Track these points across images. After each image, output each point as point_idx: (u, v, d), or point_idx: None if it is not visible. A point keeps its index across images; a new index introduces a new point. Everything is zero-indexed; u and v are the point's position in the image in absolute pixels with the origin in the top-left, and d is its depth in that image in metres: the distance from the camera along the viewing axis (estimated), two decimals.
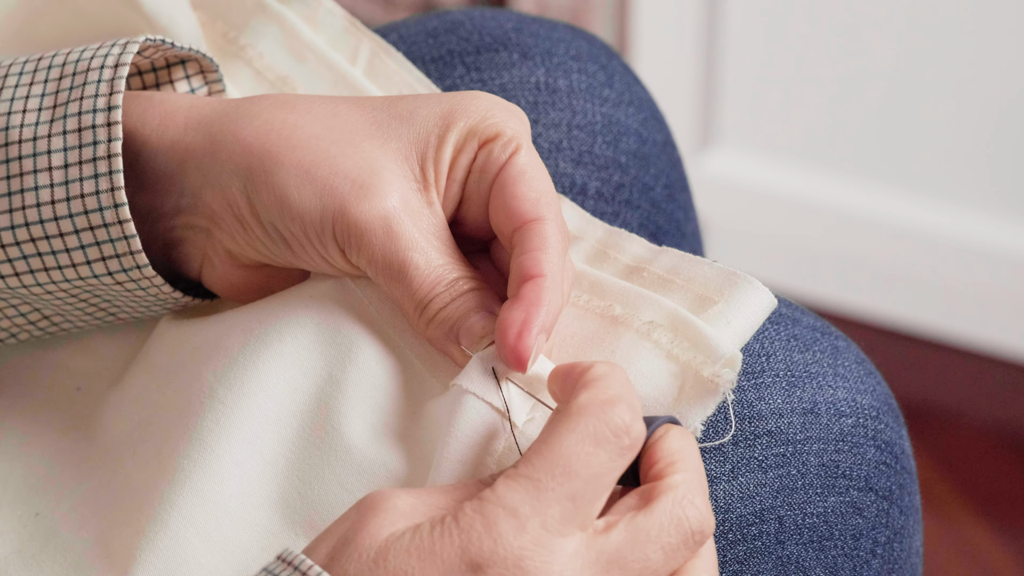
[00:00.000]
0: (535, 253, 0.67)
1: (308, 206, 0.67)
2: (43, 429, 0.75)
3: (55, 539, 0.71)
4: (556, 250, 0.67)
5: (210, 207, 0.70)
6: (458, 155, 0.69)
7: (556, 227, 0.68)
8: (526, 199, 0.68)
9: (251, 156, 0.69)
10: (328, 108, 0.70)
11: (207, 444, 0.69)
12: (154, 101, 0.71)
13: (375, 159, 0.68)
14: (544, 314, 0.66)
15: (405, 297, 0.68)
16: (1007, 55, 1.59)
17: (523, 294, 0.66)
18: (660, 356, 0.68)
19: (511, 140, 0.69)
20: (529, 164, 0.69)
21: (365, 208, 0.67)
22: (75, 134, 0.68)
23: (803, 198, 1.75)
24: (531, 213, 0.68)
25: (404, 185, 0.68)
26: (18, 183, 0.69)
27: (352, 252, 0.68)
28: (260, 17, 0.82)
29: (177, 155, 0.70)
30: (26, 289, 0.71)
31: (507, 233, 0.68)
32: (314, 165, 0.68)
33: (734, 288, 0.70)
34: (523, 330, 0.65)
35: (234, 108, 0.70)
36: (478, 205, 0.70)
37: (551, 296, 0.66)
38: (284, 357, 0.70)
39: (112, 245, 0.69)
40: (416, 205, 0.68)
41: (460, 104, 0.69)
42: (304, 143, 0.68)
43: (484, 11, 0.92)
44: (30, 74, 0.70)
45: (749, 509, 0.73)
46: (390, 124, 0.69)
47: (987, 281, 1.71)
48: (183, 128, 0.70)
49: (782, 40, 1.68)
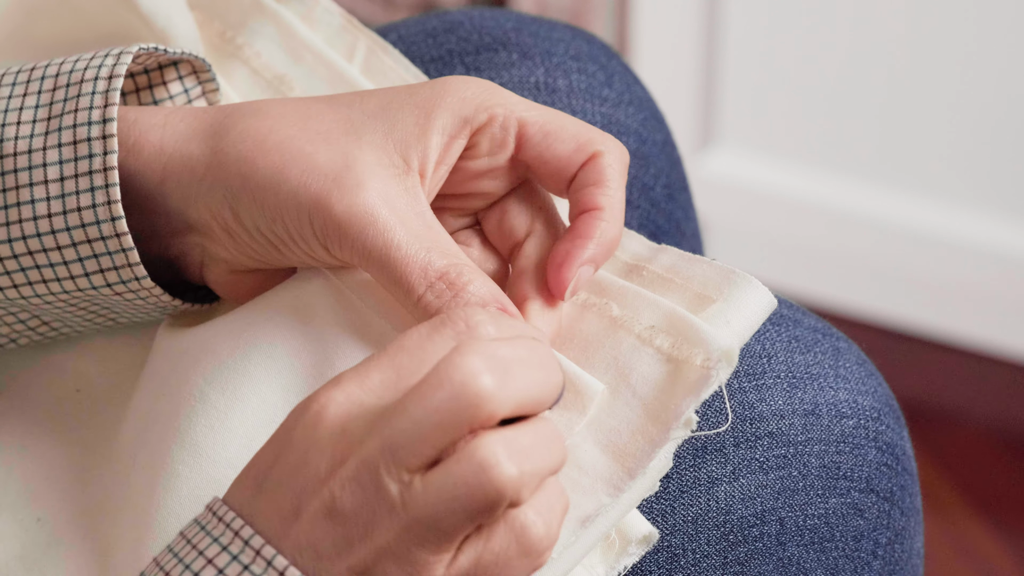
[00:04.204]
0: (589, 188, 0.69)
1: (286, 205, 0.67)
2: (44, 433, 0.75)
3: (57, 546, 0.71)
4: (609, 184, 0.69)
5: (199, 224, 0.70)
6: (452, 141, 0.69)
7: (607, 161, 0.69)
8: (562, 151, 0.69)
9: (228, 166, 0.68)
10: (301, 110, 0.70)
11: (201, 449, 0.69)
12: (127, 121, 0.70)
13: (349, 153, 0.68)
14: (593, 246, 0.68)
15: (395, 286, 0.67)
16: (1007, 55, 1.59)
17: (573, 227, 0.68)
18: (660, 360, 0.68)
19: (509, 114, 0.69)
20: (541, 116, 0.69)
21: (340, 200, 0.66)
22: (70, 147, 0.68)
23: (803, 198, 1.75)
24: (576, 158, 0.69)
25: (381, 174, 0.67)
26: (14, 196, 0.68)
27: (334, 247, 0.67)
28: (257, 16, 0.82)
29: (155, 176, 0.69)
30: (25, 300, 0.70)
31: (564, 186, 0.70)
32: (288, 165, 0.67)
33: (733, 287, 0.69)
34: (564, 261, 0.68)
35: (208, 123, 0.70)
36: (493, 179, 0.70)
37: (602, 228, 0.68)
38: (274, 359, 0.70)
39: (110, 258, 0.68)
40: (394, 193, 0.67)
41: (439, 92, 0.69)
42: (278, 145, 0.68)
43: (484, 11, 0.92)
44: (23, 84, 0.70)
45: (750, 510, 0.73)
46: (363, 121, 0.69)
47: (987, 281, 1.71)
48: (157, 148, 0.70)
49: (782, 40, 1.68)
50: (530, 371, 0.59)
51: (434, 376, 0.58)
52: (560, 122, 0.69)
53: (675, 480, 0.73)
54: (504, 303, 0.67)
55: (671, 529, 0.73)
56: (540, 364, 0.60)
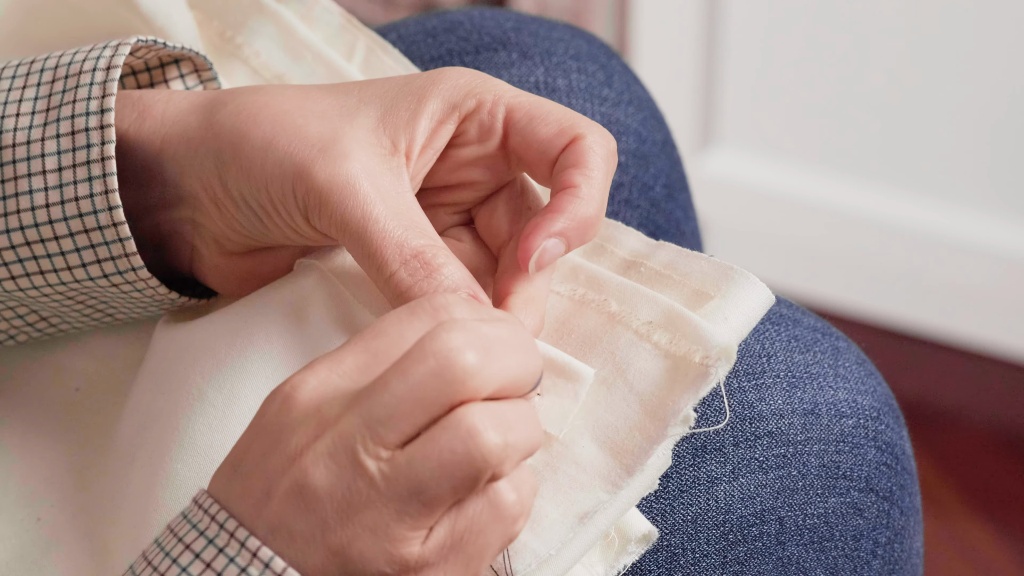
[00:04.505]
0: (568, 169, 0.68)
1: (272, 173, 0.67)
2: (43, 432, 0.75)
3: (57, 545, 0.71)
4: (588, 165, 0.68)
5: (190, 194, 0.70)
6: (440, 126, 0.69)
7: (588, 144, 0.68)
8: (545, 134, 0.69)
9: (221, 138, 0.69)
10: (301, 91, 0.70)
11: (200, 448, 0.69)
12: (132, 98, 0.71)
13: (339, 128, 0.68)
14: (563, 220, 0.67)
15: (368, 260, 0.67)
16: (1007, 55, 1.59)
17: (548, 204, 0.68)
18: (658, 356, 0.68)
19: (497, 100, 0.69)
20: (528, 102, 0.69)
21: (323, 168, 0.67)
22: (68, 137, 0.68)
23: (803, 198, 1.75)
24: (558, 141, 0.68)
25: (368, 151, 0.68)
26: (12, 187, 0.69)
27: (314, 215, 0.67)
28: (256, 15, 0.82)
29: (154, 146, 0.70)
30: (22, 292, 0.71)
31: (549, 171, 0.69)
32: (278, 135, 0.68)
33: (730, 283, 0.69)
34: (531, 232, 0.67)
35: (209, 98, 0.71)
36: (483, 168, 0.70)
37: (576, 204, 0.67)
38: (272, 358, 0.70)
39: (107, 247, 0.69)
40: (378, 169, 0.67)
41: (433, 80, 0.69)
42: (272, 118, 0.68)
43: (483, 11, 0.92)
44: (23, 77, 0.70)
45: (750, 510, 0.73)
46: (359, 106, 0.69)
47: (987, 281, 1.71)
48: (159, 120, 0.70)
49: (782, 40, 1.68)
50: (513, 352, 0.59)
51: (417, 351, 0.58)
52: (546, 107, 0.69)
53: (674, 479, 0.73)
54: (476, 291, 0.67)
55: (670, 528, 0.73)
56: (522, 346, 0.60)
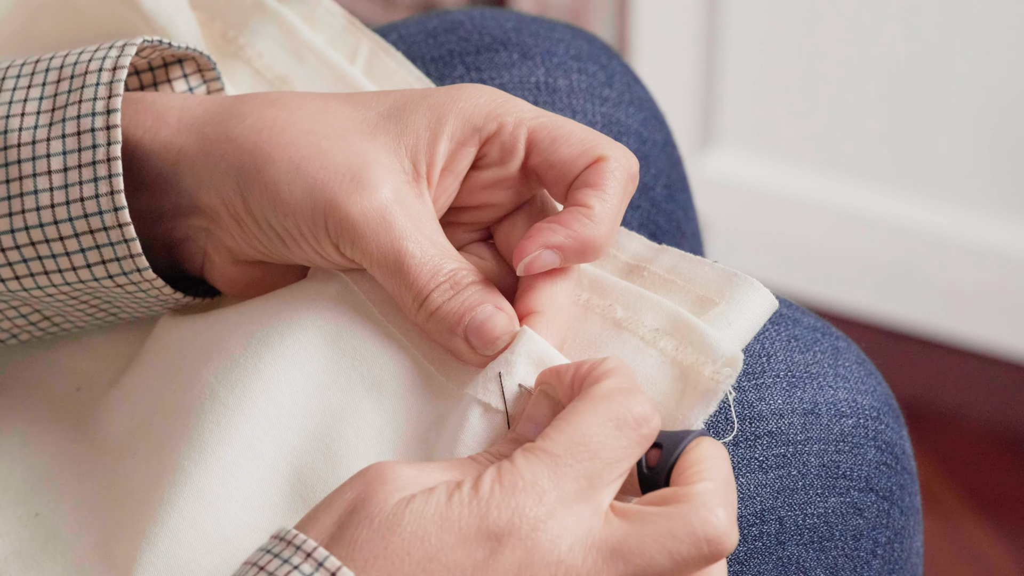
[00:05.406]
0: (584, 189, 0.68)
1: (300, 201, 0.67)
2: (44, 430, 0.75)
3: (56, 540, 0.71)
4: (606, 188, 0.68)
5: (208, 207, 0.70)
6: (460, 149, 0.69)
7: (610, 167, 0.68)
8: (567, 154, 0.69)
9: (243, 155, 0.68)
10: (319, 104, 0.70)
11: (208, 446, 0.69)
12: (145, 103, 0.71)
13: (365, 153, 0.68)
14: (564, 235, 0.67)
15: (403, 289, 0.68)
16: (1007, 55, 1.59)
17: (558, 215, 0.68)
18: (665, 363, 0.68)
19: (519, 123, 0.69)
20: (551, 122, 0.69)
21: (357, 201, 0.67)
22: (74, 137, 0.68)
23: (803, 198, 1.75)
24: (580, 161, 0.68)
25: (395, 178, 0.68)
26: (17, 187, 0.68)
27: (346, 246, 0.68)
28: (259, 16, 0.82)
29: (170, 156, 0.70)
30: (26, 292, 0.71)
31: (567, 189, 0.69)
32: (305, 160, 0.68)
33: (735, 289, 0.70)
34: (530, 236, 0.67)
35: (225, 108, 0.70)
36: (504, 189, 0.70)
37: (582, 224, 0.67)
38: (285, 359, 0.70)
39: (112, 248, 0.69)
40: (408, 197, 0.68)
41: (452, 98, 0.69)
42: (295, 139, 0.68)
43: (484, 11, 0.92)
44: (28, 76, 0.70)
45: (749, 510, 0.73)
46: (378, 122, 0.69)
47: (987, 281, 1.71)
48: (175, 129, 0.70)
49: (782, 40, 1.68)
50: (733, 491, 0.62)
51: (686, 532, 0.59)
52: (568, 127, 0.69)
53: None
54: (502, 304, 0.67)
55: None
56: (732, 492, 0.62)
